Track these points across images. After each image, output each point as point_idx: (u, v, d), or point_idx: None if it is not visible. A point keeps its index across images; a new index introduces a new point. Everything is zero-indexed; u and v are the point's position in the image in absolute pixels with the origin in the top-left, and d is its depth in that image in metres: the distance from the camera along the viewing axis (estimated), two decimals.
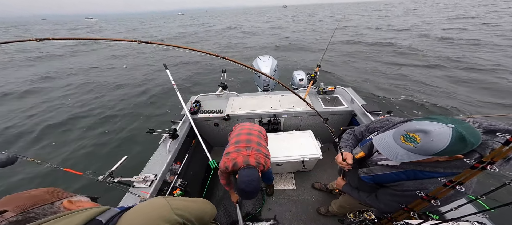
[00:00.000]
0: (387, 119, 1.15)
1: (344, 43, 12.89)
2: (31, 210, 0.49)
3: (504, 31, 12.34)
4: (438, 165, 0.80)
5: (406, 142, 0.78)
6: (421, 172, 0.85)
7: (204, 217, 0.75)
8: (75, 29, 48.71)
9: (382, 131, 1.09)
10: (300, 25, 26.30)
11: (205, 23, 39.87)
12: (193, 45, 15.37)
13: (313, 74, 2.77)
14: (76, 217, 0.47)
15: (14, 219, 0.46)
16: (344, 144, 1.34)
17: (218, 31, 24.95)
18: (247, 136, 1.56)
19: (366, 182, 1.11)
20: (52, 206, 0.54)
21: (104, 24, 71.80)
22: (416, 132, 0.75)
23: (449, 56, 8.50)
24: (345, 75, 7.53)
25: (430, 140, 0.70)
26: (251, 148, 1.44)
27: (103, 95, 7.20)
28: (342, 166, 1.19)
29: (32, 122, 5.59)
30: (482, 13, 22.32)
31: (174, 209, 0.60)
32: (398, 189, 0.94)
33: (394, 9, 43.47)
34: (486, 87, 5.77)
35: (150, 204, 0.61)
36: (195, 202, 0.77)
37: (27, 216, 0.48)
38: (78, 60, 13.35)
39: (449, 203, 0.83)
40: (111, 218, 0.52)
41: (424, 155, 0.75)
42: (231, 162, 1.38)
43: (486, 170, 0.53)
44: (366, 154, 1.14)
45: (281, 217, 2.21)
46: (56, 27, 51.28)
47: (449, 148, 0.67)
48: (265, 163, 1.44)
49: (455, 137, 0.66)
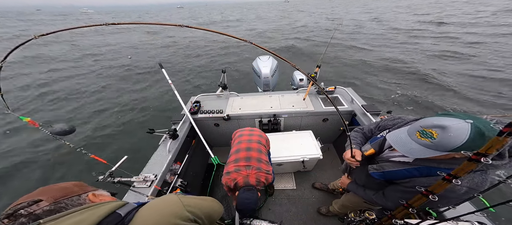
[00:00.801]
0: (399, 117, 1.15)
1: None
2: (62, 201, 0.55)
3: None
4: (454, 162, 0.79)
5: (422, 137, 0.77)
6: (436, 168, 0.83)
7: (213, 215, 0.77)
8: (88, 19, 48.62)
9: (394, 128, 1.09)
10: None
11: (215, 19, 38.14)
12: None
13: (313, 75, 2.78)
14: (100, 209, 0.52)
15: (48, 208, 0.52)
16: (353, 141, 1.34)
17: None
18: (247, 151, 1.51)
19: (375, 178, 1.11)
20: (79, 198, 0.60)
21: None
22: (433, 127, 0.74)
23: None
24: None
25: (448, 135, 0.69)
26: (251, 166, 1.41)
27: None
28: (350, 163, 1.19)
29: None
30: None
31: (186, 206, 0.63)
32: (409, 185, 0.93)
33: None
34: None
35: (163, 200, 0.64)
36: (204, 200, 0.79)
37: (59, 206, 0.54)
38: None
39: (452, 201, 0.81)
40: (129, 212, 0.56)
41: (441, 150, 0.74)
42: (233, 182, 1.38)
43: (480, 162, 0.52)
44: (376, 151, 1.14)
45: (281, 217, 2.21)
46: (61, 18, 50.06)
47: (467, 143, 0.66)
48: (266, 180, 1.43)
49: (474, 132, 0.65)
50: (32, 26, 33.34)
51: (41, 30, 22.02)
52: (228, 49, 12.78)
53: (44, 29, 31.23)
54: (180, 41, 16.30)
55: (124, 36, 20.15)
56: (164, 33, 20.38)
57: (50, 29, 1.43)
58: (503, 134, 0.44)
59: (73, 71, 9.80)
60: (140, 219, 0.55)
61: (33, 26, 33.65)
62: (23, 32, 24.19)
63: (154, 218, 0.56)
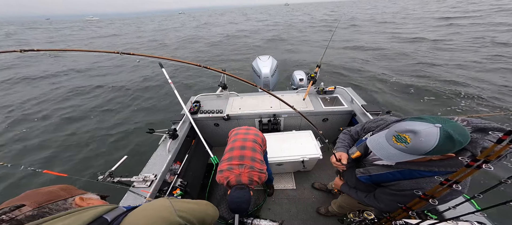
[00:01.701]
0: (381, 119, 1.16)
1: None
2: (45, 205, 0.53)
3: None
4: (432, 164, 0.81)
5: (398, 142, 0.79)
6: (416, 171, 0.85)
7: (206, 219, 0.75)
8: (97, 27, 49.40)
9: (377, 130, 1.10)
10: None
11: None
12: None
13: (313, 74, 2.78)
14: (85, 214, 0.50)
15: (30, 213, 0.50)
16: (340, 144, 1.35)
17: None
18: (241, 150, 1.51)
19: (363, 181, 1.11)
20: (65, 202, 0.58)
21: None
22: (405, 132, 0.76)
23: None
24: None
25: (419, 140, 0.71)
26: (244, 165, 1.41)
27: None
28: (337, 166, 1.20)
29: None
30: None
31: (177, 211, 0.61)
32: (395, 188, 0.94)
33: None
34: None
35: (153, 205, 0.62)
36: (198, 204, 0.77)
37: (42, 211, 0.52)
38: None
39: (447, 202, 0.83)
40: (116, 217, 0.54)
41: (415, 154, 0.76)
42: (225, 180, 1.39)
43: (481, 169, 0.52)
44: (362, 154, 1.14)
45: (281, 217, 2.21)
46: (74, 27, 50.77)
47: (438, 147, 0.68)
48: (259, 179, 1.43)
49: (443, 136, 0.67)
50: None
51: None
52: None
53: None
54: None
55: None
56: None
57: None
58: (502, 141, 0.44)
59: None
60: (127, 224, 0.53)
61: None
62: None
63: (143, 223, 0.55)
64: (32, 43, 24.01)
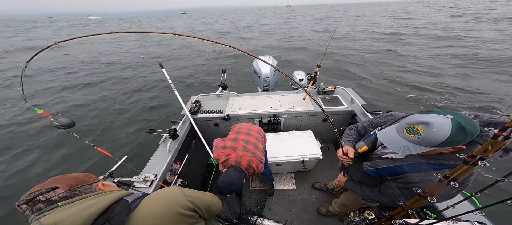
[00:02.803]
0: (390, 114, 1.17)
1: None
2: (76, 188, 0.63)
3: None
4: (442, 157, 0.82)
5: (410, 134, 0.80)
6: (425, 164, 0.86)
7: (211, 207, 0.84)
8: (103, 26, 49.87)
9: (386, 125, 1.10)
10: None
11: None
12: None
13: (313, 74, 2.78)
14: (110, 195, 0.59)
15: (64, 194, 0.59)
16: (346, 139, 1.35)
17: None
18: (246, 135, 1.55)
19: (370, 175, 1.12)
20: (90, 186, 0.68)
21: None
22: (417, 124, 0.77)
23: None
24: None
25: (432, 130, 0.72)
26: (247, 149, 1.43)
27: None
28: (343, 160, 1.20)
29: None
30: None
31: (187, 196, 0.69)
32: (403, 181, 0.94)
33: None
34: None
35: (166, 190, 0.70)
36: (204, 194, 0.86)
37: (74, 193, 0.61)
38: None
39: (451, 198, 0.83)
40: (135, 200, 0.63)
41: (428, 146, 0.76)
42: (224, 157, 1.38)
43: (477, 165, 0.53)
44: (369, 148, 1.15)
45: (281, 217, 2.21)
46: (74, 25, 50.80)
47: (450, 138, 0.69)
48: (257, 167, 1.44)
49: (455, 127, 0.68)
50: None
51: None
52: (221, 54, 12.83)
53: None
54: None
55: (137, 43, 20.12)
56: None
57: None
58: (497, 136, 0.44)
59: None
60: (146, 205, 0.61)
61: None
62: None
63: (159, 204, 0.62)
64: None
